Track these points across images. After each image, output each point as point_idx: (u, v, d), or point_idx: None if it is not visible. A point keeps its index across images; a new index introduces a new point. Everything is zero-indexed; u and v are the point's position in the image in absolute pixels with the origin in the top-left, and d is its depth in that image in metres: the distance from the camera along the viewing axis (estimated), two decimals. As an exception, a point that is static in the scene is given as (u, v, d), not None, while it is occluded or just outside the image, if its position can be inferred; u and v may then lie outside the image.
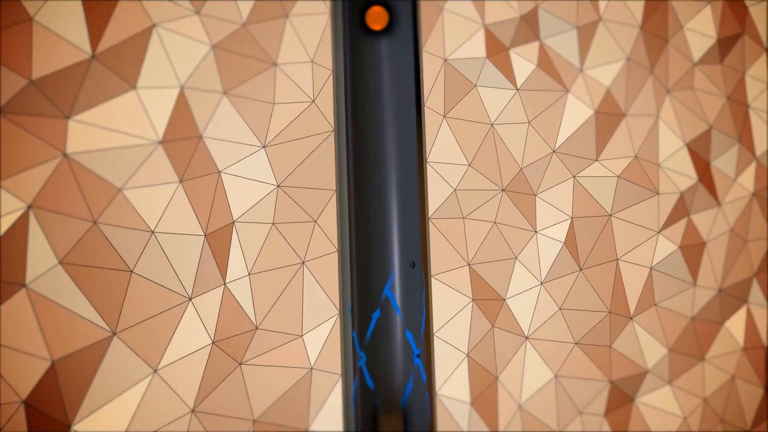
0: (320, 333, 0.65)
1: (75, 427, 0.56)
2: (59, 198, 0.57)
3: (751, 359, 0.87)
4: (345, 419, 0.66)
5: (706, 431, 0.82)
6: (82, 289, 0.57)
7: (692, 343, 0.83)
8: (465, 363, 0.71)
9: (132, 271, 0.59)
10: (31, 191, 0.56)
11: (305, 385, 0.64)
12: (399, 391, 0.66)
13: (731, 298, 0.87)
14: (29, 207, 0.56)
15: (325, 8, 0.67)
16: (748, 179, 0.89)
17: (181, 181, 0.61)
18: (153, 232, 0.60)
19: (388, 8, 0.65)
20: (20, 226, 0.56)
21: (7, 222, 0.55)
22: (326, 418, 0.65)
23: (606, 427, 0.77)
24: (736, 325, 0.87)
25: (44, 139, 0.57)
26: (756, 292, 0.89)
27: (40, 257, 0.56)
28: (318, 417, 0.65)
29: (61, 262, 0.57)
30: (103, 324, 0.57)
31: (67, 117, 0.58)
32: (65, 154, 0.58)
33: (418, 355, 0.66)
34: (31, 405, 0.55)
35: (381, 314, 0.65)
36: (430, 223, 0.70)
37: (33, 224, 0.56)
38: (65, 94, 0.58)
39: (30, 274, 0.56)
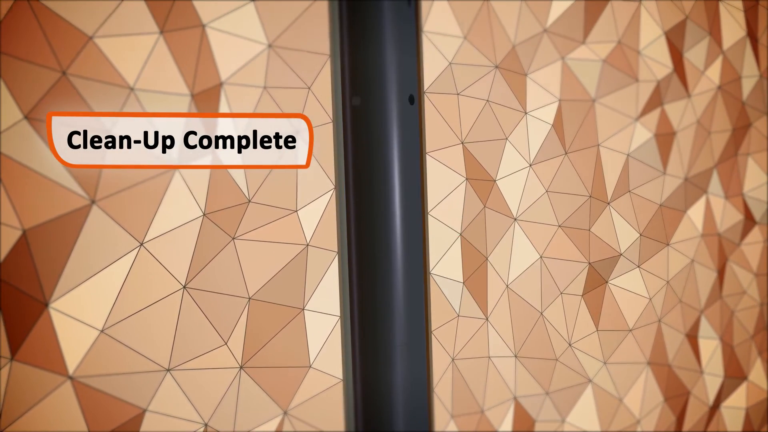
0: (316, 208, 0.61)
1: (53, 305, 0.50)
2: (21, 43, 0.48)
3: (708, 245, 0.92)
4: (341, 298, 0.64)
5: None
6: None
7: (660, 229, 0.87)
8: (458, 243, 0.69)
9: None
10: (-15, 30, 0.47)
11: (301, 262, 0.61)
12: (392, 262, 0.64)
13: (694, 187, 0.90)
14: (-16, 49, 0.47)
15: None
16: (714, 72, 0.92)
17: (162, 32, 0.53)
18: (132, 88, 0.52)
19: None
20: (-26, 71, 0.47)
21: (-41, 65, 0.47)
22: (322, 297, 0.62)
23: (583, 307, 0.79)
24: (696, 213, 0.91)
25: (-5, -30, 0.48)
26: (715, 182, 0.93)
27: (4, 111, 0.48)
28: (314, 296, 0.62)
29: (26, 117, 0.49)
30: (80, 191, 0.51)
31: (22, -55, 0.48)
32: (23, -9, 0.49)
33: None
34: (2, 279, 0.48)
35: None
36: (425, 97, 0.67)
37: (-10, 70, 0.47)
38: None
39: (-11, 130, 0.48)
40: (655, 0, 0.84)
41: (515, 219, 0.74)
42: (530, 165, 0.75)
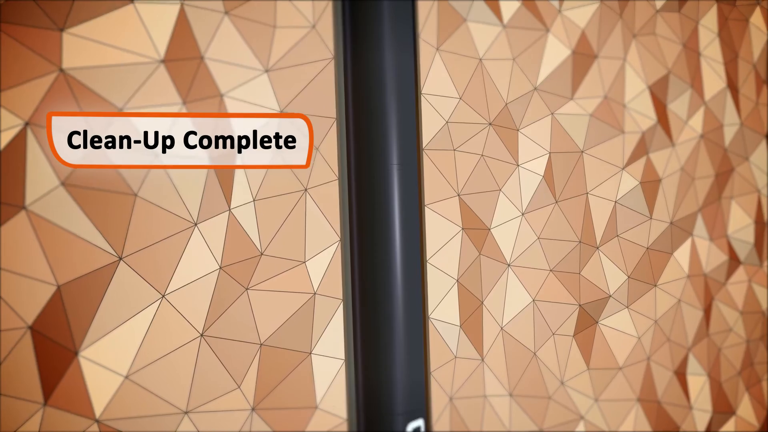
0: (322, 259, 0.66)
1: (83, 353, 0.55)
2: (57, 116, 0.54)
3: (694, 285, 0.97)
4: (346, 342, 0.68)
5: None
6: (86, 212, 0.55)
7: (647, 271, 0.91)
8: (455, 288, 0.74)
9: (136, 195, 0.57)
10: (29, 107, 0.53)
11: (308, 310, 0.65)
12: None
13: (680, 230, 0.95)
14: (26, 124, 0.53)
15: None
16: (697, 122, 0.97)
17: (184, 103, 0.59)
18: (157, 156, 0.58)
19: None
20: (18, 144, 0.52)
21: (5, 139, 0.52)
22: (328, 342, 0.67)
23: (575, 347, 0.84)
24: (682, 255, 0.96)
25: (36, 51, 0.53)
26: (700, 225, 0.98)
27: (39, 178, 0.53)
28: (320, 340, 0.66)
29: (63, 184, 0.54)
30: (108, 248, 0.56)
31: (61, 29, 0.54)
32: (61, 70, 0.54)
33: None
34: (37, 331, 0.53)
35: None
36: (424, 154, 0.72)
37: (31, 142, 0.53)
38: (58, 4, 0.54)
39: (30, 196, 0.53)
40: (639, 56, 0.90)
41: (509, 265, 0.79)
42: (522, 214, 0.80)
